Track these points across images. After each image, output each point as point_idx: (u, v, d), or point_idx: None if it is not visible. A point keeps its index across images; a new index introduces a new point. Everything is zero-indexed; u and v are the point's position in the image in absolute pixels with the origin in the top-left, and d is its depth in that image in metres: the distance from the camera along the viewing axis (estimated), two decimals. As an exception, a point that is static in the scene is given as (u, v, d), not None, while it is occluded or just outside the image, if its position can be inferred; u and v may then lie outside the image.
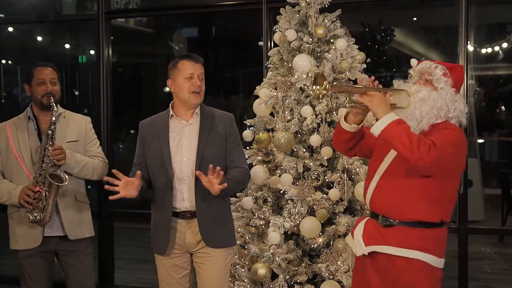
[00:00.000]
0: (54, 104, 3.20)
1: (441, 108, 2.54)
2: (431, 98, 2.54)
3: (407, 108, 2.56)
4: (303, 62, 3.57)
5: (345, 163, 3.50)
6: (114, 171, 2.82)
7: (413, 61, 2.66)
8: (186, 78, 2.89)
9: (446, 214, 2.58)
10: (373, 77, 2.64)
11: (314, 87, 2.49)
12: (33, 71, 3.29)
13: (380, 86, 2.60)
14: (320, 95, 2.48)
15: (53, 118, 3.18)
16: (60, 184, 3.14)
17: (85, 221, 3.38)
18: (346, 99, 2.64)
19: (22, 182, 3.21)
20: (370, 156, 2.80)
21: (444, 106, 2.54)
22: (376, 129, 2.46)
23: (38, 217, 3.14)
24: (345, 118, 2.72)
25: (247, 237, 3.66)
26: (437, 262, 2.56)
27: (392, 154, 2.61)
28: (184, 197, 2.89)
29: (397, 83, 2.68)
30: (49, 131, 3.17)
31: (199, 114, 2.97)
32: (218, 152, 2.92)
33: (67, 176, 3.14)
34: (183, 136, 2.93)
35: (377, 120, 2.51)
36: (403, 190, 2.54)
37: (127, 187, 2.79)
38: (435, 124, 2.56)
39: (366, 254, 2.61)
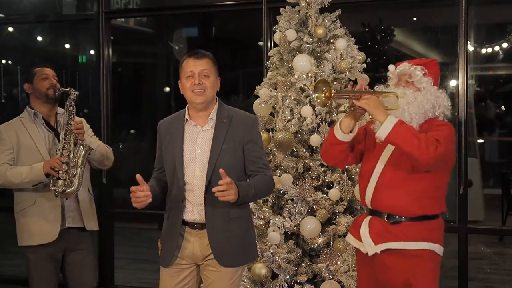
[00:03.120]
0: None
1: (428, 110, 2.66)
2: (417, 100, 2.65)
3: (396, 109, 2.65)
4: (303, 62, 3.58)
5: (345, 163, 3.50)
6: (137, 177, 2.64)
7: (391, 67, 2.77)
8: (188, 77, 2.74)
9: (444, 205, 2.72)
10: (362, 82, 2.71)
11: (316, 94, 2.55)
12: (34, 69, 3.37)
13: (370, 89, 2.70)
14: (324, 103, 2.54)
15: (72, 97, 3.24)
16: (90, 151, 3.22)
17: (95, 214, 3.46)
18: (344, 106, 2.68)
19: None
20: (361, 160, 2.86)
21: (430, 107, 2.67)
22: (382, 133, 2.54)
23: (63, 188, 3.13)
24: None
25: (247, 237, 3.66)
26: (441, 250, 2.68)
27: (387, 153, 2.68)
28: (194, 209, 2.73)
29: (379, 88, 2.76)
30: (71, 107, 3.24)
31: (214, 120, 2.77)
32: (233, 162, 2.73)
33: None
34: (196, 144, 2.75)
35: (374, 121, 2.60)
36: (408, 188, 2.63)
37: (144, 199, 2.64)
38: (423, 123, 2.66)
39: (379, 252, 2.65)
